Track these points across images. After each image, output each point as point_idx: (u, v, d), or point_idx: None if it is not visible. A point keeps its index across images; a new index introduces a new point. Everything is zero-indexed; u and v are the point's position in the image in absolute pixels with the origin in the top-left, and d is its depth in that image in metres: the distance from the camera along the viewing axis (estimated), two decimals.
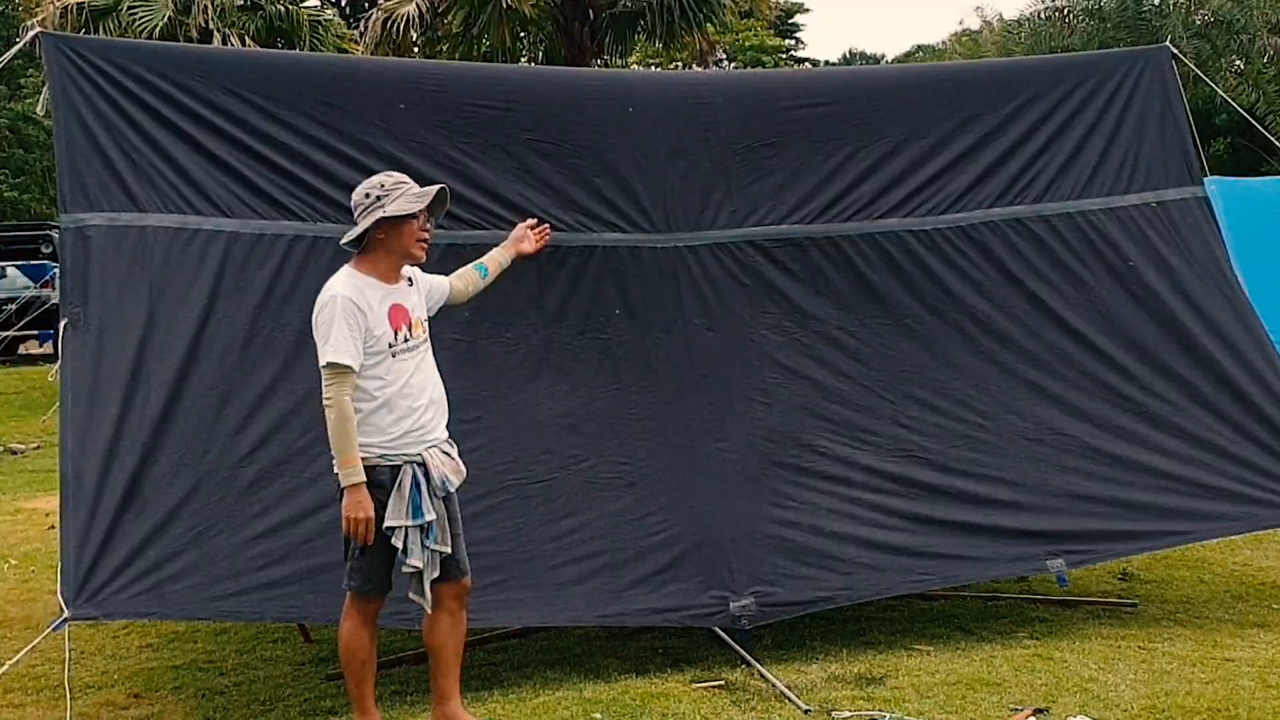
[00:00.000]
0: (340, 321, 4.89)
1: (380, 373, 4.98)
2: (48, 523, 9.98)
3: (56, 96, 6.06)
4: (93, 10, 21.29)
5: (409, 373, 5.07)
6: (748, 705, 5.52)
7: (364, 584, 5.03)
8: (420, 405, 5.08)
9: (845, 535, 6.33)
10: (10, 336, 25.78)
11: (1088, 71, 7.23)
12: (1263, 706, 5.28)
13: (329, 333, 4.90)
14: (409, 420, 5.02)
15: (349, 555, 5.02)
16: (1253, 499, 6.65)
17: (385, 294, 5.06)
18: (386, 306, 5.03)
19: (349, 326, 4.89)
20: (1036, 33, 32.60)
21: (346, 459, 4.88)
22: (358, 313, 4.92)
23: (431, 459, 5.04)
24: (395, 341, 5.03)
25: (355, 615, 5.08)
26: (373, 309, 4.98)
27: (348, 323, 4.90)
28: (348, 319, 4.90)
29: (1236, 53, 30.77)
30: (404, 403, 5.02)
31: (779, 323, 6.65)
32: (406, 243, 5.12)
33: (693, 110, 6.80)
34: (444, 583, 5.07)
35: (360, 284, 5.02)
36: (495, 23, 21.77)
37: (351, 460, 4.87)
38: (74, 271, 5.87)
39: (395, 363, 5.02)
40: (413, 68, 8.43)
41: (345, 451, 4.88)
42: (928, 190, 6.87)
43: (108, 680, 6.38)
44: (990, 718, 5.26)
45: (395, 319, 5.04)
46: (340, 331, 4.88)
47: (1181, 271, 6.95)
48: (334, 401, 4.88)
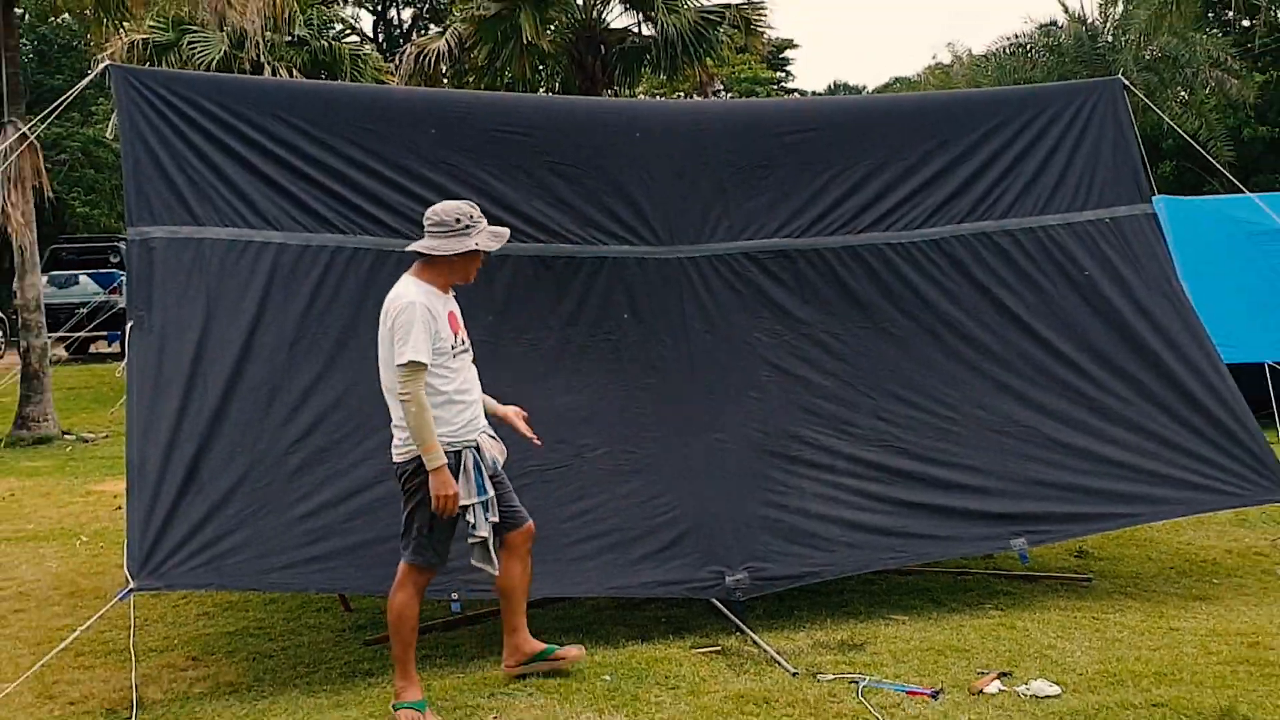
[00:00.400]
0: (419, 325, 4.97)
1: (445, 371, 5.08)
2: (115, 504, 9.99)
3: (124, 122, 6.07)
4: (156, 45, 21.35)
5: (464, 371, 5.20)
6: (741, 669, 5.52)
7: (430, 558, 5.13)
8: (473, 399, 5.23)
9: (829, 517, 6.33)
10: (82, 337, 25.86)
11: (1048, 101, 7.23)
12: (1204, 671, 5.27)
13: (408, 334, 4.97)
14: (467, 412, 5.16)
15: (414, 532, 5.10)
16: (1195, 485, 6.64)
17: (444, 303, 5.17)
18: (446, 314, 5.14)
19: (425, 330, 4.99)
20: (1002, 66, 32.57)
21: (429, 445, 4.96)
22: (431, 318, 5.03)
23: (483, 443, 5.18)
24: (455, 344, 5.15)
25: (411, 586, 5.14)
26: (439, 316, 5.09)
27: (424, 326, 4.99)
28: (424, 323, 4.99)
29: (1181, 85, 30.73)
30: (462, 397, 5.15)
31: (770, 327, 6.65)
32: (471, 270, 5.31)
33: (693, 136, 6.80)
34: (511, 531, 5.27)
35: (427, 291, 5.12)
36: (517, 57, 21.81)
37: (433, 446, 4.96)
38: (139, 279, 5.88)
39: (454, 362, 5.14)
40: (442, 97, 8.42)
41: (428, 439, 4.96)
42: (904, 207, 6.87)
43: (168, 645, 6.39)
44: (959, 680, 5.25)
45: (453, 325, 5.18)
46: (419, 333, 4.96)
47: (1132, 281, 6.94)
48: (412, 395, 4.95)
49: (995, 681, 5.19)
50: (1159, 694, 4.98)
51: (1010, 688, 5.13)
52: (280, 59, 22.22)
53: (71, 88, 6.89)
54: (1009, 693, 5.07)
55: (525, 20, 20.98)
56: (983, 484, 6.51)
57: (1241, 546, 7.89)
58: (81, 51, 36.38)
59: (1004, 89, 9.54)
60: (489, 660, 5.79)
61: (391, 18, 44.01)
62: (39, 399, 15.18)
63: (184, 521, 5.48)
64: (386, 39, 41.86)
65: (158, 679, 5.80)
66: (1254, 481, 6.70)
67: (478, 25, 21.88)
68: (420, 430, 4.94)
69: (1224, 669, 5.29)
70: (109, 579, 7.63)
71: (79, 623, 6.14)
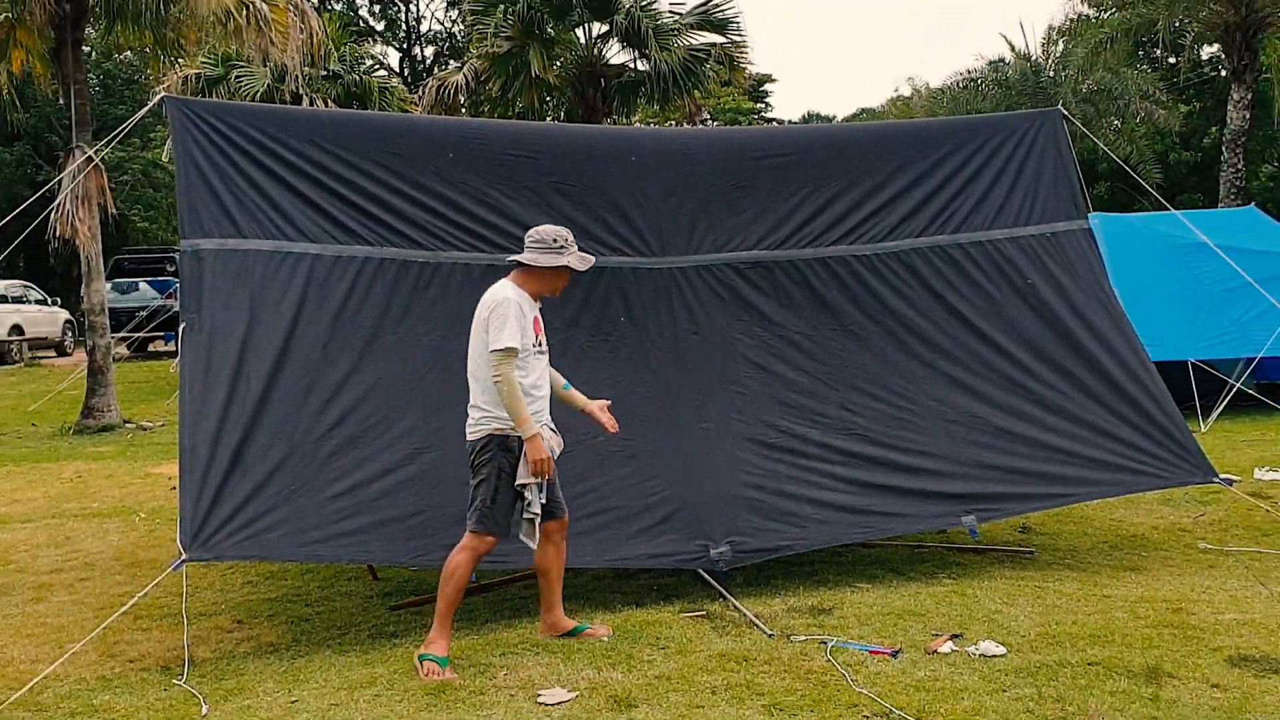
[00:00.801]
0: (513, 318, 5.08)
1: (525, 366, 5.14)
2: (170, 484, 9.97)
3: (177, 146, 6.06)
4: (207, 79, 21.35)
5: (539, 369, 5.27)
6: (724, 630, 5.51)
7: (490, 527, 5.14)
8: (543, 395, 5.29)
9: (802, 496, 6.32)
10: (142, 337, 25.90)
11: (995, 129, 7.22)
12: (1134, 633, 5.27)
13: (504, 325, 5.06)
14: (536, 405, 5.20)
15: (478, 503, 5.13)
16: (1125, 468, 6.64)
17: (531, 308, 5.26)
18: (531, 317, 5.21)
19: (518, 322, 5.08)
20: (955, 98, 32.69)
21: (522, 419, 5.04)
22: (522, 315, 5.12)
23: (544, 434, 5.18)
24: (535, 344, 5.23)
25: (472, 552, 5.16)
26: (526, 315, 5.16)
27: (518, 319, 5.08)
28: (518, 316, 5.09)
29: (1115, 114, 30.80)
30: (534, 391, 5.20)
31: (750, 328, 6.64)
32: (559, 284, 5.43)
33: (682, 159, 6.78)
34: (550, 520, 5.29)
35: (520, 294, 5.21)
36: (526, 89, 21.82)
37: (526, 418, 5.05)
38: (190, 286, 5.87)
39: (532, 360, 5.22)
40: (459, 125, 8.40)
41: (521, 413, 5.04)
42: (868, 223, 6.86)
43: (216, 609, 6.39)
44: (916, 641, 5.25)
45: (536, 328, 5.26)
46: (513, 324, 5.06)
47: (1070, 288, 6.94)
48: (504, 376, 5.02)
49: (948, 642, 5.18)
50: (1093, 653, 4.98)
51: (961, 648, 5.12)
52: (317, 91, 22.18)
53: (132, 116, 6.91)
54: (960, 652, 5.07)
55: (534, 57, 21.01)
56: (937, 467, 6.50)
57: (1167, 523, 7.90)
58: (141, 84, 36.39)
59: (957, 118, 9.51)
60: (500, 624, 5.79)
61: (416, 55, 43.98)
62: (103, 392, 15.21)
63: (230, 500, 5.47)
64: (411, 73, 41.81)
65: (207, 639, 5.81)
66: (1178, 465, 6.70)
67: (492, 61, 21.87)
68: (514, 406, 5.02)
69: (1151, 631, 5.29)
70: (164, 551, 7.62)
71: (138, 590, 6.12)
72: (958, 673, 4.81)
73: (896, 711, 4.38)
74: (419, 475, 5.82)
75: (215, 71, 21.39)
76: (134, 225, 36.34)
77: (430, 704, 4.63)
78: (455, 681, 4.86)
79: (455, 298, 6.15)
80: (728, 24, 21.85)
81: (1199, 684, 4.61)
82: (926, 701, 4.48)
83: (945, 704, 4.45)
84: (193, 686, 4.98)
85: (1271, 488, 8.90)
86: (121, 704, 4.81)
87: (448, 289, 6.20)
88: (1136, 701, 4.43)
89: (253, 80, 21.13)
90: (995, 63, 33.23)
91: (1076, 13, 30.14)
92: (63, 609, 6.44)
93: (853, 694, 4.57)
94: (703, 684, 4.75)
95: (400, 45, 43.80)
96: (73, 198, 14.23)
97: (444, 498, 5.73)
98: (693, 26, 21.83)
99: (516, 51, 21.49)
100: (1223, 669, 4.79)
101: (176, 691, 4.95)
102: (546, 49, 21.54)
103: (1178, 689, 4.56)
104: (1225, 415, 11.90)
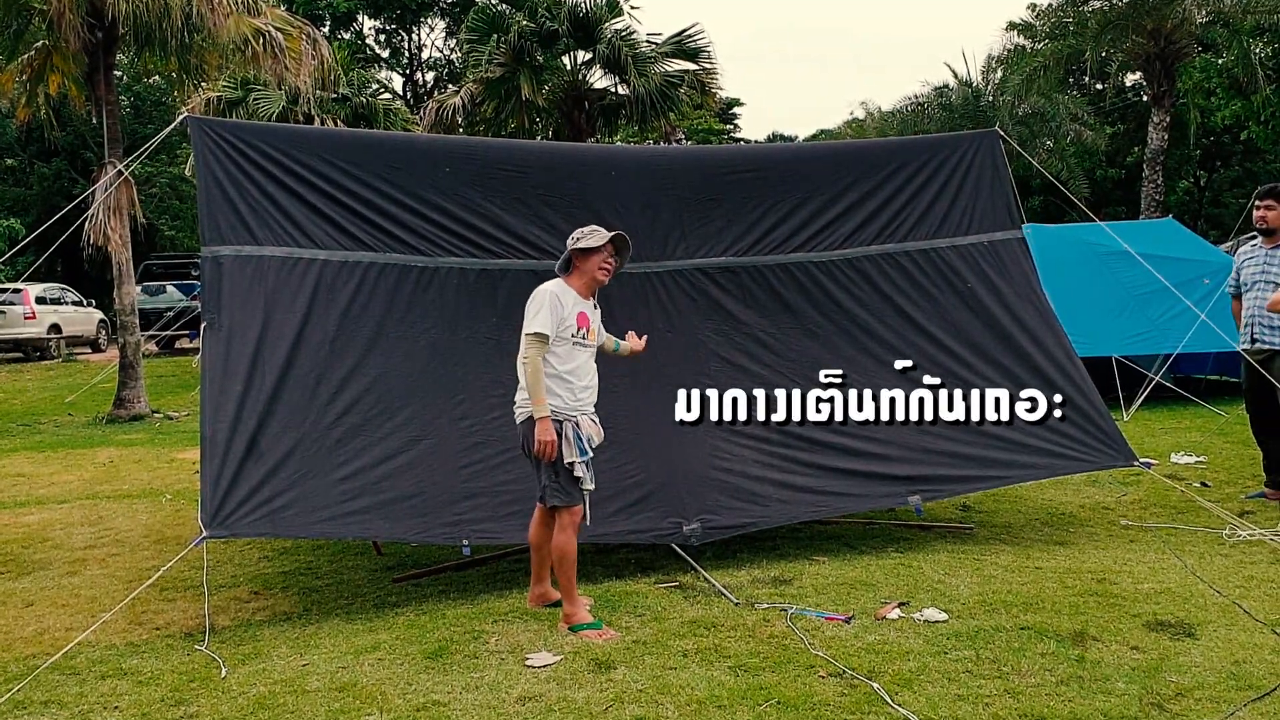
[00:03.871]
0: (546, 307, 5.05)
1: (563, 353, 5.10)
2: (193, 468, 9.92)
3: (199, 162, 6.01)
4: (227, 101, 21.20)
5: (580, 360, 5.18)
6: (695, 599, 5.51)
7: (567, 497, 5.09)
8: (584, 385, 5.19)
9: (765, 478, 6.32)
10: (169, 335, 25.77)
11: (940, 148, 7.22)
12: (1062, 600, 5.29)
13: (537, 312, 5.05)
14: (576, 392, 5.14)
15: (546, 479, 5.08)
16: (1056, 453, 6.65)
17: (578, 302, 5.20)
18: (576, 310, 5.16)
19: (551, 311, 5.04)
20: (904, 120, 32.77)
21: (539, 399, 5.00)
22: (559, 305, 5.08)
23: (583, 421, 5.14)
24: (576, 335, 5.15)
25: (569, 527, 5.12)
26: (567, 307, 5.12)
27: (551, 309, 5.04)
28: (551, 307, 5.06)
29: (1047, 135, 30.92)
30: (571, 378, 5.12)
31: (719, 327, 6.63)
32: (592, 267, 5.27)
33: (658, 174, 6.76)
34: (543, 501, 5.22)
35: (563, 289, 5.18)
36: (517, 111, 21.81)
37: (542, 399, 5.00)
38: (210, 288, 5.82)
39: (574, 349, 5.14)
40: (456, 142, 8.36)
41: (539, 394, 5.00)
42: (825, 233, 6.86)
43: (235, 581, 6.34)
44: (867, 609, 5.26)
45: (580, 321, 5.18)
46: (544, 313, 5.03)
47: (1005, 290, 6.95)
48: (530, 360, 5.00)
49: (896, 609, 5.20)
50: (1026, 619, 5.00)
51: (908, 614, 5.14)
52: (327, 112, 22.05)
53: (159, 135, 6.87)
54: (907, 618, 5.08)
55: (524, 82, 21.00)
56: (886, 452, 6.50)
57: (1093, 502, 7.93)
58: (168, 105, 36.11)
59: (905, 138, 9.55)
60: (493, 594, 5.77)
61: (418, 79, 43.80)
62: (133, 385, 15.11)
63: (246, 483, 5.43)
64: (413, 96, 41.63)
65: (226, 609, 5.77)
66: (1102, 450, 6.71)
67: (486, 85, 21.84)
68: (533, 386, 4.99)
69: (1078, 599, 5.32)
70: (188, 529, 7.57)
71: (163, 564, 6.09)
72: (904, 637, 4.82)
73: (849, 671, 4.38)
74: (418, 460, 5.79)
75: (235, 94, 21.24)
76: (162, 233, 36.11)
77: (429, 666, 4.62)
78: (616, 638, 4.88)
79: (452, 299, 6.16)
80: (699, 53, 21.84)
81: (1120, 646, 4.64)
82: (876, 663, 4.49)
83: (893, 665, 4.46)
84: (213, 651, 4.95)
85: (1186, 470, 8.96)
86: (148, 667, 4.78)
87: (445, 291, 6.18)
88: (1064, 662, 4.45)
89: (269, 102, 20.98)
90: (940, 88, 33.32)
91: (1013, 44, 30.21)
92: (95, 581, 6.39)
93: (810, 656, 4.58)
94: (675, 648, 4.74)
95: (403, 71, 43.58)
96: (105, 208, 14.13)
97: (440, 480, 5.72)
98: (668, 55, 21.83)
99: (508, 77, 21.48)
100: (1141, 633, 4.82)
101: (198, 656, 4.92)
102: (535, 75, 21.52)
103: (1101, 651, 4.59)
104: (1145, 406, 11.96)
